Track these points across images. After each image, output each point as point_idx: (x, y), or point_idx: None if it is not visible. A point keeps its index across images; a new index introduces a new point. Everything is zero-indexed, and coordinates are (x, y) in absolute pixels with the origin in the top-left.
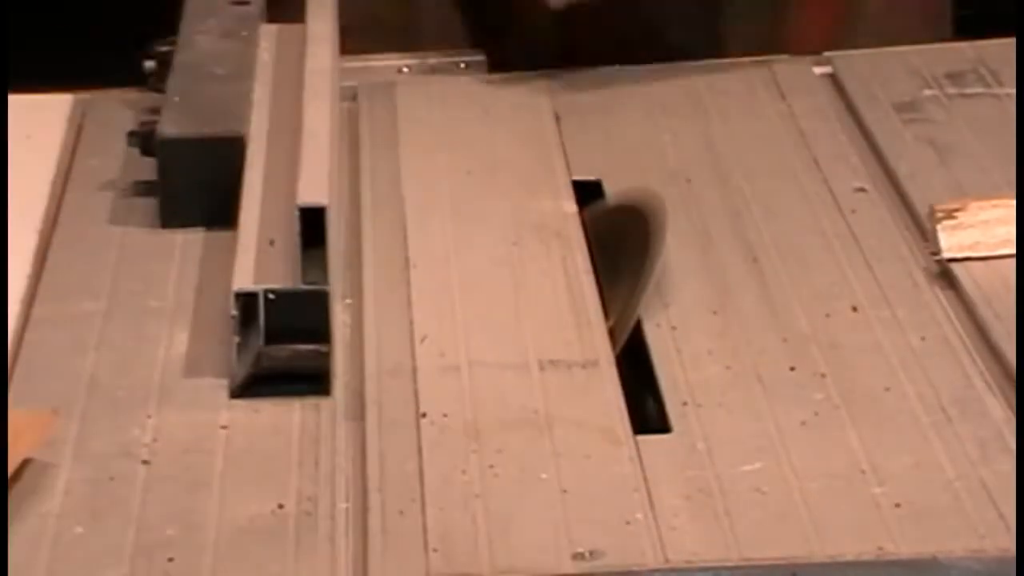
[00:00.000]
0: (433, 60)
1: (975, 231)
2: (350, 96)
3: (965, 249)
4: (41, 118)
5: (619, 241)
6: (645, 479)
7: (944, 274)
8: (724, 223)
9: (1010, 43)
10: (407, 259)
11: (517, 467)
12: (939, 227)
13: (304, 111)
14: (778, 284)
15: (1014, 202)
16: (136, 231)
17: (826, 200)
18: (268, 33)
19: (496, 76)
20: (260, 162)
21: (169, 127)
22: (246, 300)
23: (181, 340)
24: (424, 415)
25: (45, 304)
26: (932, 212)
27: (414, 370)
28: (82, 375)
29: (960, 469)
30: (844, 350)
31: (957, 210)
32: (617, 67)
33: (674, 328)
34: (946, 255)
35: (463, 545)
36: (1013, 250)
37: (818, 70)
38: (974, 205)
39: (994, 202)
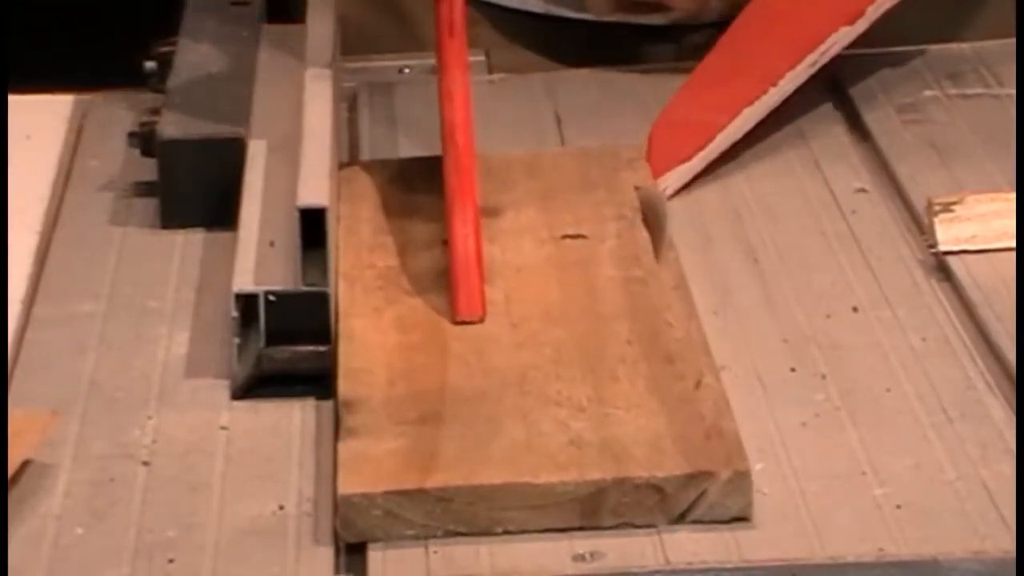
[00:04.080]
0: (433, 60)
1: (972, 224)
2: (350, 96)
3: (962, 242)
4: (41, 118)
5: None
6: None
7: (940, 267)
8: (724, 223)
9: (1010, 43)
10: None
11: None
12: (936, 220)
13: (304, 111)
14: (778, 284)
15: (1012, 196)
16: (136, 231)
17: (826, 200)
18: (268, 33)
19: (496, 76)
20: (260, 162)
21: (169, 127)
22: (246, 301)
23: (181, 341)
24: None
25: (45, 304)
26: (929, 205)
27: None
28: (82, 375)
29: (961, 470)
30: (844, 351)
31: (954, 203)
32: (617, 67)
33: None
34: (942, 248)
35: (463, 546)
36: (1010, 243)
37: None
38: (971, 198)
39: (991, 196)
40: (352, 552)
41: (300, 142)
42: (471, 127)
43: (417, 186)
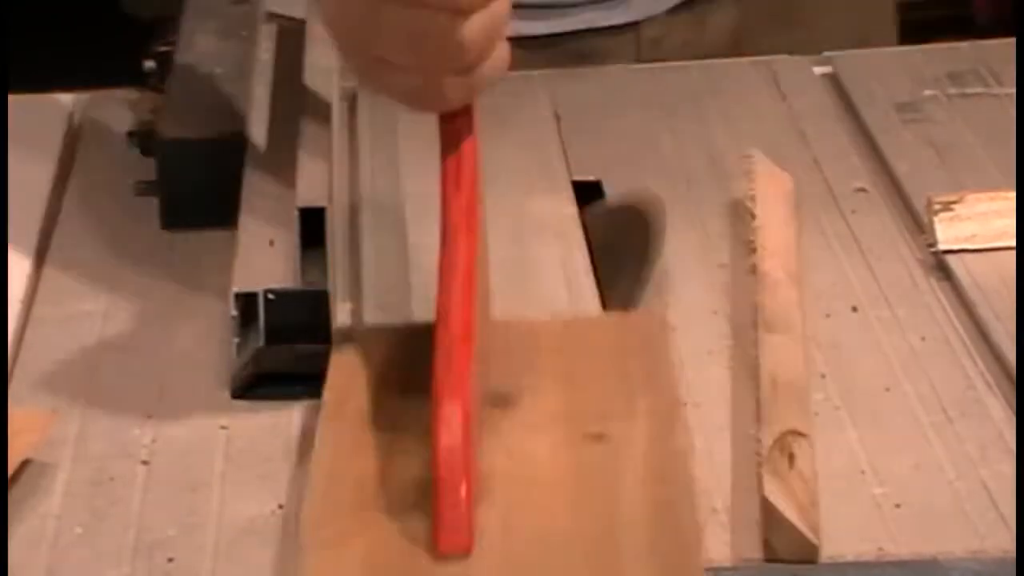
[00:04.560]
0: None
1: (972, 223)
2: (350, 96)
3: (962, 241)
4: (41, 118)
5: (619, 241)
6: None
7: (940, 266)
8: (724, 223)
9: (1010, 43)
10: (407, 259)
11: None
12: (936, 219)
13: (304, 111)
14: None
15: (1011, 195)
16: (136, 231)
17: (826, 200)
18: (268, 33)
19: None
20: (260, 162)
21: (169, 127)
22: (246, 300)
23: (181, 340)
24: None
25: (45, 304)
26: (929, 204)
27: None
28: (82, 375)
29: (960, 470)
30: (844, 350)
31: (954, 202)
32: (617, 67)
33: (674, 328)
34: (942, 247)
35: None
36: (1010, 243)
37: (818, 70)
38: (971, 197)
39: (991, 195)
40: None
41: (300, 142)
42: (472, 307)
43: (416, 361)
